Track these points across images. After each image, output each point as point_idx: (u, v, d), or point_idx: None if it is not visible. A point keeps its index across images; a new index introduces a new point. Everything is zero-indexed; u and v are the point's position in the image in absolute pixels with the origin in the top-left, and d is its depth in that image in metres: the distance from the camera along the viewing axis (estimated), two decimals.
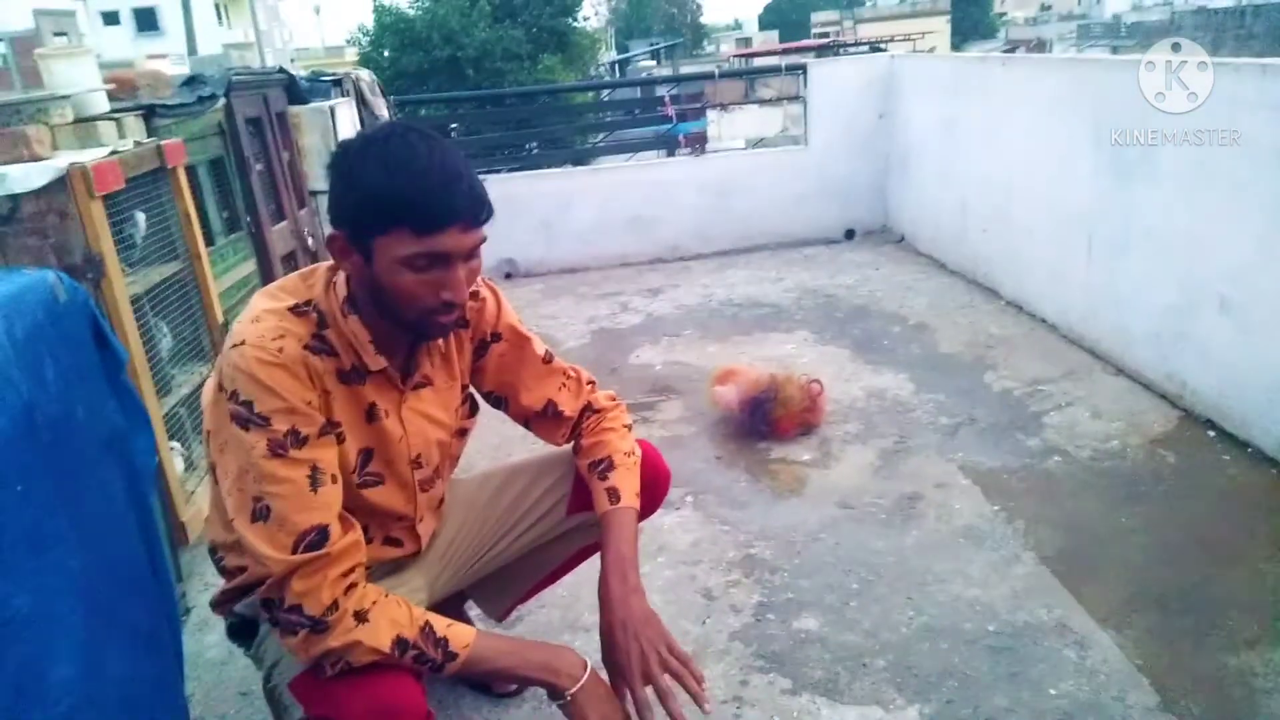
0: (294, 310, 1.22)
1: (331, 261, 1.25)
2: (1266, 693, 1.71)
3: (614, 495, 1.44)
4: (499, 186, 5.15)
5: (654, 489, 1.59)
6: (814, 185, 5.26)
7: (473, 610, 1.91)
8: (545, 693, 1.33)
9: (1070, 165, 3.41)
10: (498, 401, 1.53)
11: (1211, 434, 2.68)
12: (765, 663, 1.88)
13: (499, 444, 2.79)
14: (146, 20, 31.28)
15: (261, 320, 1.19)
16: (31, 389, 0.82)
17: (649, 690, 1.32)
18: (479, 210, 1.14)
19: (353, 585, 1.18)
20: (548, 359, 1.51)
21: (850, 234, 5.36)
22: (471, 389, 1.51)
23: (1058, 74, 3.65)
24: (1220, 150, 2.63)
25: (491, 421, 1.61)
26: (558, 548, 1.66)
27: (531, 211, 5.12)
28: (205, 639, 2.08)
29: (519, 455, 1.78)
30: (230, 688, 1.92)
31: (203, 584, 2.31)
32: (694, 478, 2.69)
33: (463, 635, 1.24)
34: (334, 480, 1.20)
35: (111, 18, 30.71)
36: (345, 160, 1.16)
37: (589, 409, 1.55)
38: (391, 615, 1.20)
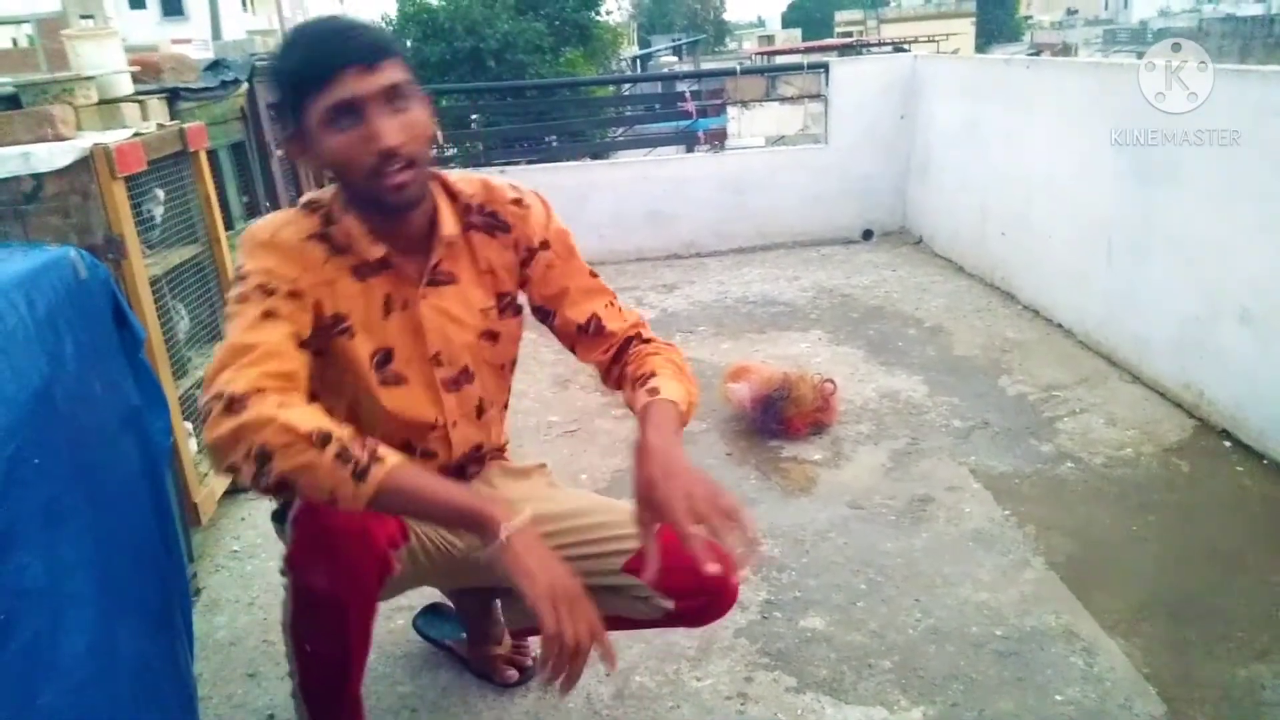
0: (304, 207, 1.30)
1: None
2: (1274, 705, 1.70)
3: (653, 392, 1.30)
4: (516, 178, 5.14)
5: (714, 597, 1.41)
6: (833, 185, 5.24)
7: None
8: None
9: (1092, 170, 3.39)
10: (544, 315, 1.47)
11: (1227, 444, 2.66)
12: (770, 660, 1.89)
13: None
14: (172, 4, 31.41)
15: (274, 215, 1.31)
16: (51, 365, 0.83)
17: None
18: (369, 50, 1.15)
19: (287, 391, 1.12)
20: (594, 275, 1.47)
21: (868, 234, 5.34)
22: (521, 299, 1.48)
23: (1081, 78, 3.63)
24: (1245, 159, 2.61)
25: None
26: (604, 598, 1.39)
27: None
28: (215, 620, 2.10)
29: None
30: (238, 669, 1.94)
31: (213, 565, 2.33)
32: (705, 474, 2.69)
33: (391, 453, 1.13)
34: (291, 332, 1.19)
35: (137, 1, 30.85)
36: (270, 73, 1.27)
37: (638, 337, 1.44)
38: (317, 413, 1.11)
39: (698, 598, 1.41)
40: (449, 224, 1.34)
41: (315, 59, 1.16)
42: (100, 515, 0.88)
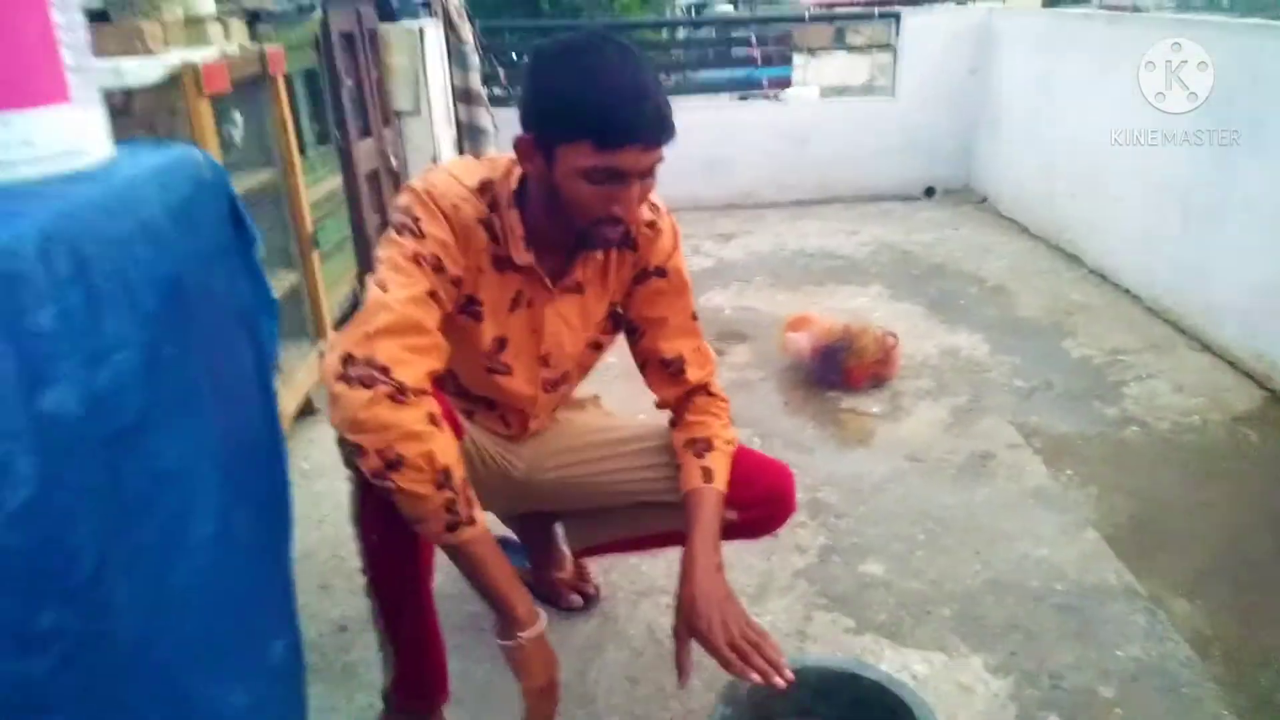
0: (478, 188, 1.30)
1: (513, 156, 1.29)
2: None
3: (708, 475, 1.43)
4: None
5: (774, 508, 1.55)
6: (896, 139, 5.15)
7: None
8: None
9: (1169, 130, 3.29)
10: (631, 331, 1.52)
11: None
12: (829, 602, 1.91)
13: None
14: None
15: (456, 182, 1.29)
16: (180, 257, 0.85)
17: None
18: (662, 132, 1.16)
19: (439, 395, 1.21)
20: (695, 317, 1.52)
21: (930, 191, 5.26)
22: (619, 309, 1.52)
23: (1165, 35, 3.51)
24: None
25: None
26: (660, 514, 1.57)
27: None
28: None
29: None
30: (311, 582, 1.99)
31: None
32: (760, 420, 2.70)
33: (481, 519, 1.24)
34: (442, 317, 1.24)
35: None
36: (540, 65, 1.20)
37: (705, 389, 1.53)
38: (451, 444, 1.18)
39: (759, 508, 1.52)
40: None
41: (614, 119, 1.13)
42: (221, 408, 0.91)
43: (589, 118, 1.14)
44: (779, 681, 1.25)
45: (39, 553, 0.65)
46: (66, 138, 0.81)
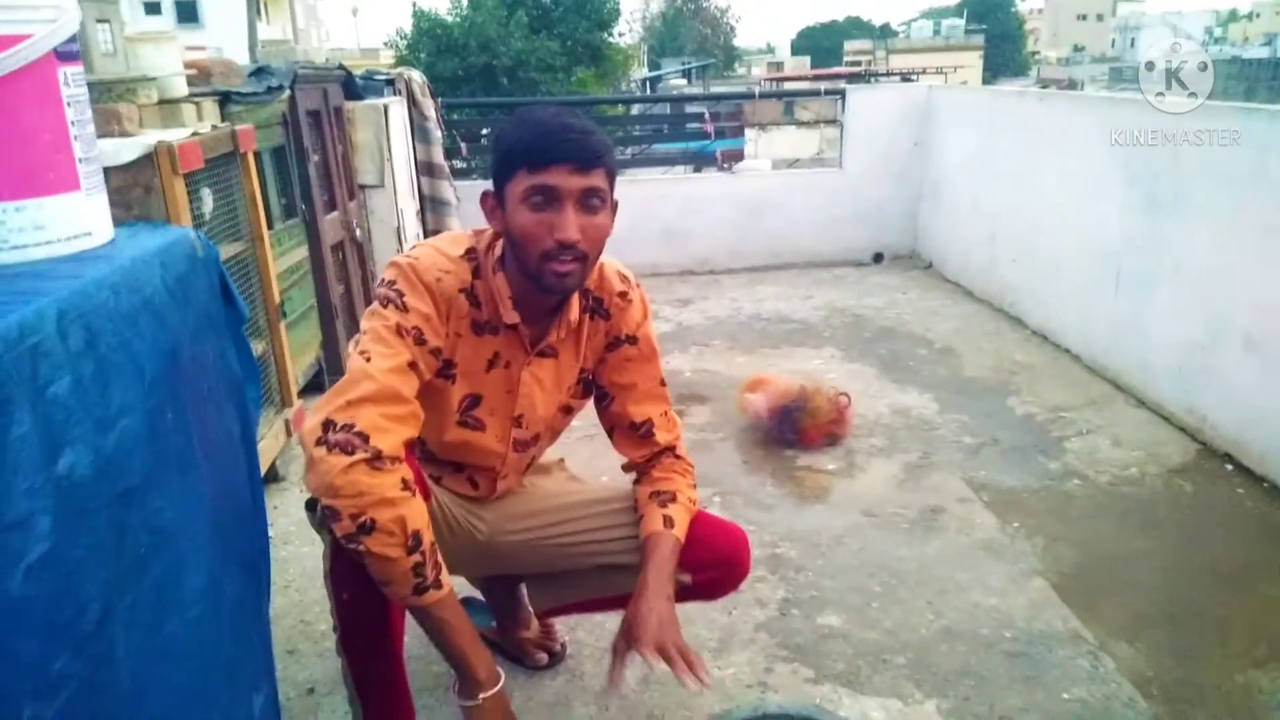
0: (464, 255, 1.40)
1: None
2: (1270, 709, 1.78)
3: (668, 522, 1.51)
4: None
5: (728, 570, 1.61)
6: (846, 208, 5.36)
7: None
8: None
9: (1101, 200, 3.49)
10: (601, 396, 1.61)
11: (1229, 468, 2.75)
12: (789, 653, 1.96)
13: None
14: (187, 12, 31.63)
15: (439, 253, 1.39)
16: (178, 330, 0.92)
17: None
18: (586, 155, 1.28)
19: (411, 460, 1.28)
20: (663, 383, 1.61)
21: (879, 258, 5.45)
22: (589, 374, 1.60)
23: (1093, 111, 3.74)
24: (1251, 190, 2.71)
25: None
26: (623, 576, 1.59)
27: None
28: None
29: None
30: (278, 646, 1.98)
31: None
32: (721, 479, 2.77)
33: (448, 581, 1.31)
34: (419, 384, 1.31)
35: (153, 7, 31.06)
36: (497, 133, 1.37)
37: (672, 450, 1.61)
38: (422, 510, 1.25)
39: (713, 570, 1.58)
40: (574, 309, 1.48)
41: (539, 145, 1.27)
42: (212, 470, 0.97)
43: (521, 148, 1.29)
44: (691, 684, 1.34)
45: (53, 603, 0.70)
46: (76, 222, 0.88)
